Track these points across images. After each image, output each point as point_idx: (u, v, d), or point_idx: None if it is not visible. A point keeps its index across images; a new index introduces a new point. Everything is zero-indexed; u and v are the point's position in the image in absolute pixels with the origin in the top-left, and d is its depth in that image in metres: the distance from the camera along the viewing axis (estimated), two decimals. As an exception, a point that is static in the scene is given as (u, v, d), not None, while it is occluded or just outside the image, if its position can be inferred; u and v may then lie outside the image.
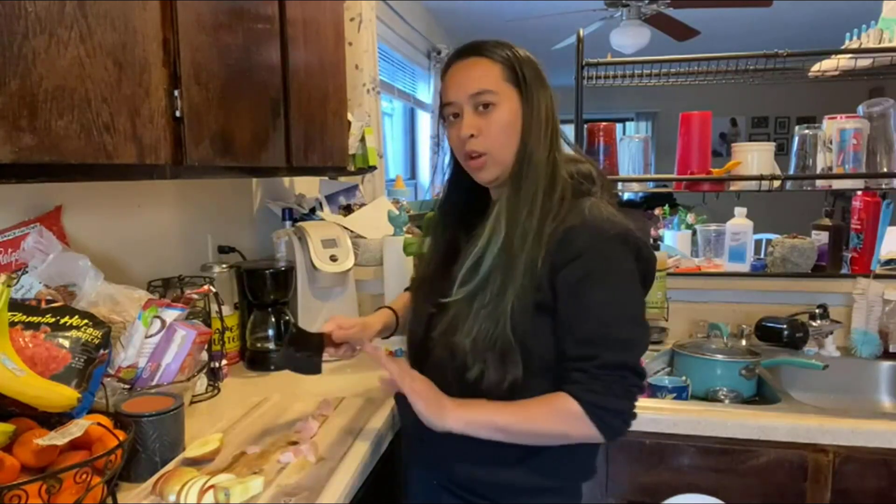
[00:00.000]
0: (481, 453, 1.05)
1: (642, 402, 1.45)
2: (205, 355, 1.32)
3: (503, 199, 1.04)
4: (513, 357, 1.00)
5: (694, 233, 2.37)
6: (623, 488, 1.44)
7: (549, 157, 1.04)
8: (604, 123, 1.98)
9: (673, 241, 2.40)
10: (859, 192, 1.91)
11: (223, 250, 1.73)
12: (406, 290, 1.43)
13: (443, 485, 1.12)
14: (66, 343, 0.98)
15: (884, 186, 1.86)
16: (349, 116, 1.88)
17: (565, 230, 0.99)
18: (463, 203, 1.18)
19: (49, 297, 1.09)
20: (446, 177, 1.21)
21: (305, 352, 1.20)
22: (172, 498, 0.91)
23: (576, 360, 0.98)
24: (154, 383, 1.16)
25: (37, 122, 0.80)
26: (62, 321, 1.01)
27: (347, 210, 2.20)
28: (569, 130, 2.08)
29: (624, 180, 2.00)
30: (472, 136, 1.05)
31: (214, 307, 1.40)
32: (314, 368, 1.20)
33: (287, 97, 1.41)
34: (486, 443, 1.02)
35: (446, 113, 1.10)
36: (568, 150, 1.12)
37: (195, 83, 1.08)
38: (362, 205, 2.23)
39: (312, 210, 2.07)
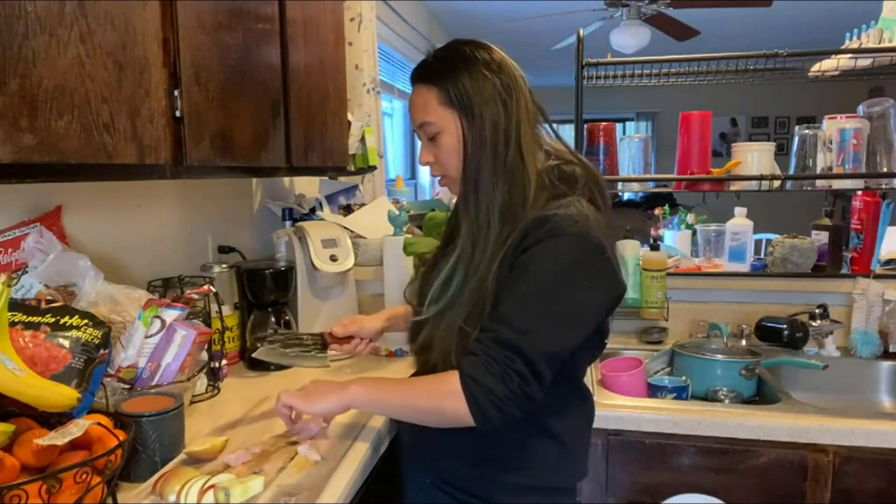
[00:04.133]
0: (474, 453, 1.05)
1: (643, 403, 1.47)
2: (205, 355, 1.32)
3: (464, 221, 1.06)
4: None
5: (694, 233, 2.37)
6: (623, 488, 1.44)
7: (505, 168, 1.02)
8: (604, 123, 1.98)
9: (673, 241, 2.40)
10: (859, 192, 1.90)
11: (223, 250, 1.73)
12: None
13: (436, 484, 1.12)
14: (66, 343, 0.98)
15: (884, 186, 1.86)
16: (349, 116, 1.88)
17: (526, 224, 0.99)
18: None
19: (49, 297, 1.09)
20: None
21: (299, 348, 1.28)
22: (172, 498, 0.91)
23: (480, 331, 0.98)
24: (154, 383, 1.16)
25: (37, 122, 0.80)
26: (62, 321, 1.01)
27: (347, 210, 2.20)
28: (569, 130, 2.08)
29: (624, 180, 2.00)
30: (428, 163, 1.11)
31: (214, 307, 1.40)
32: (317, 361, 1.30)
33: (287, 97, 1.41)
34: (478, 442, 1.02)
35: None
36: (559, 147, 1.11)
37: (195, 83, 1.08)
38: (362, 205, 2.23)
39: (312, 210, 2.07)
